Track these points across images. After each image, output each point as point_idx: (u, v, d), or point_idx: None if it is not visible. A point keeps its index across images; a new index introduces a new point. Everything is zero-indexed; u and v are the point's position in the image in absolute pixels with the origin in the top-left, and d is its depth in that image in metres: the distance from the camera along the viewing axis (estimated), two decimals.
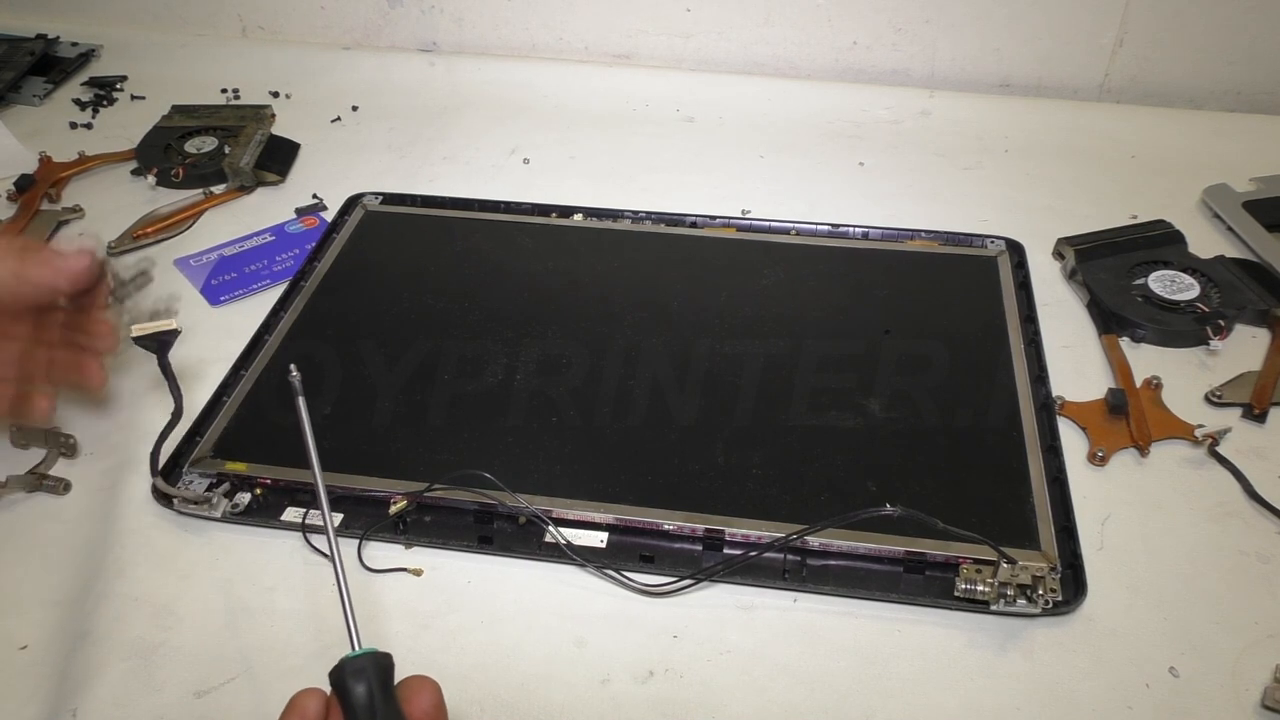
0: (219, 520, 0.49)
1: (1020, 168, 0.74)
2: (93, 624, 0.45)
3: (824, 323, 0.58)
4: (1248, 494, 0.49)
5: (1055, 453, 0.50)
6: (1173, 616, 0.45)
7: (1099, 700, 0.41)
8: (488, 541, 0.48)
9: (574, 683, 0.43)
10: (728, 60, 0.86)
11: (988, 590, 0.43)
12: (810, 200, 0.71)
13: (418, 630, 0.45)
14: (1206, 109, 0.81)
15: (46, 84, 0.86)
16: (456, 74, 0.87)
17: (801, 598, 0.46)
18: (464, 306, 0.60)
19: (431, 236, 0.67)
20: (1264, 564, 0.47)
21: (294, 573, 0.47)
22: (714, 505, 0.48)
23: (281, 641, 0.44)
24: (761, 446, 0.50)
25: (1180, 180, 0.71)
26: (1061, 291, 0.63)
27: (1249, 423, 0.53)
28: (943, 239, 0.65)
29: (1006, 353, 0.56)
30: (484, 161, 0.76)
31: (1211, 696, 0.42)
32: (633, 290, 0.61)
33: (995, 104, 0.80)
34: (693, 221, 0.67)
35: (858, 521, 0.44)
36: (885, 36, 0.82)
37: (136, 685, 0.43)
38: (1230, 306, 0.59)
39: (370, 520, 0.48)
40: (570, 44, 0.88)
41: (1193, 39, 0.78)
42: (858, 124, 0.80)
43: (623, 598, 0.46)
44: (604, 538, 0.47)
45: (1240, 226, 0.66)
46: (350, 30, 0.91)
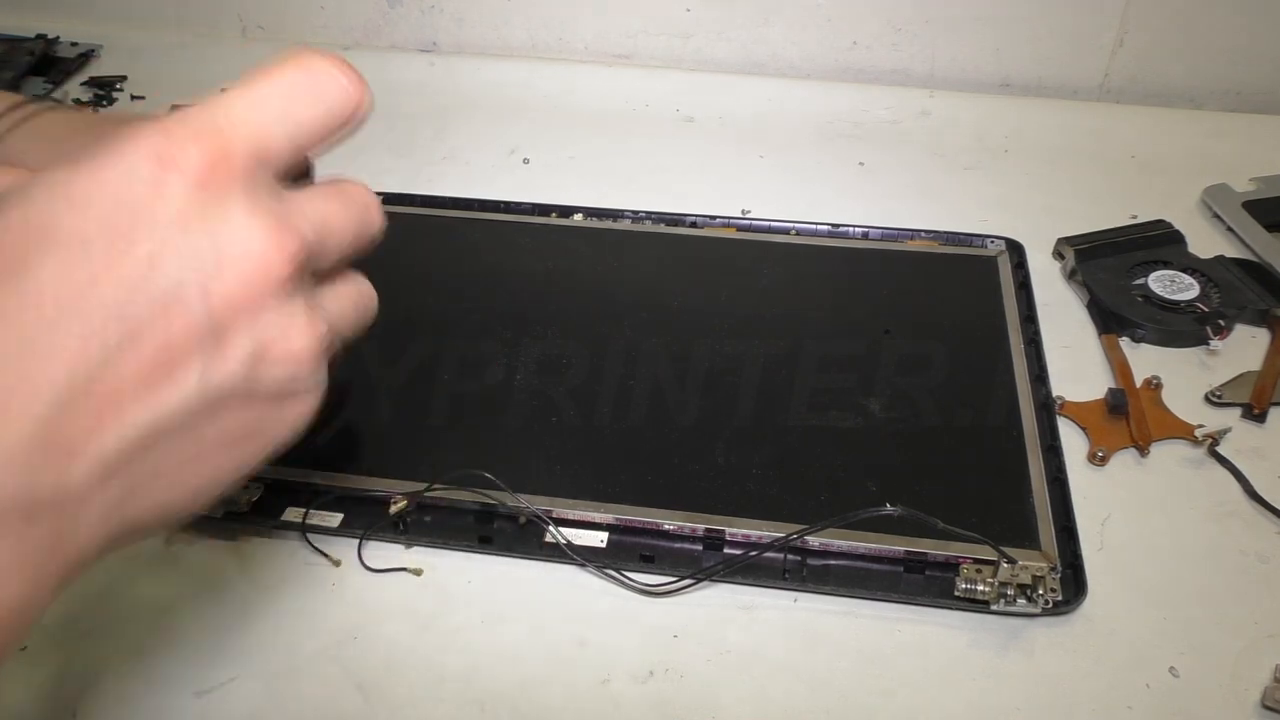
0: (219, 520, 0.49)
1: (1020, 168, 0.74)
2: (93, 624, 0.45)
3: (824, 322, 0.58)
4: (1248, 494, 0.49)
5: (1055, 453, 0.50)
6: (1173, 616, 0.45)
7: (1099, 700, 0.41)
8: (488, 541, 0.48)
9: (574, 683, 0.43)
10: (728, 60, 0.86)
11: (988, 590, 0.43)
12: (810, 200, 0.71)
13: (418, 630, 0.45)
14: (1206, 109, 0.81)
15: (46, 84, 0.86)
16: (456, 74, 0.87)
17: (802, 598, 0.46)
18: (464, 306, 0.60)
19: (431, 236, 0.67)
20: (1264, 564, 0.47)
21: (294, 573, 0.47)
22: (714, 505, 0.48)
23: (281, 641, 0.44)
24: (761, 446, 0.50)
25: (1180, 180, 0.71)
26: (1061, 291, 0.63)
27: (1249, 423, 0.53)
28: (943, 239, 0.65)
29: (1006, 353, 0.56)
30: (484, 161, 0.76)
31: (1211, 696, 0.42)
32: (633, 290, 0.61)
33: (995, 104, 0.80)
34: (693, 221, 0.67)
35: (858, 521, 0.44)
36: (885, 36, 0.82)
37: (136, 685, 0.43)
38: (1230, 306, 0.59)
39: (370, 520, 0.48)
40: (570, 44, 0.88)
41: (1193, 39, 0.78)
42: (858, 124, 0.80)
43: (623, 598, 0.46)
44: (604, 538, 0.47)
45: (1240, 226, 0.66)
46: (350, 30, 0.91)
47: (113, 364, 0.23)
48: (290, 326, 0.25)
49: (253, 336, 0.24)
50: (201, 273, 0.23)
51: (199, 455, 0.25)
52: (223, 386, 0.24)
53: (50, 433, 0.22)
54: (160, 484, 0.25)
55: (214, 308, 0.24)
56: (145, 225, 0.23)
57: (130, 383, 0.23)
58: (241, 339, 0.24)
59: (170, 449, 0.24)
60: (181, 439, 0.24)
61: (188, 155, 0.24)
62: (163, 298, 0.23)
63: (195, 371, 0.24)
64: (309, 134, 0.27)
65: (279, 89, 0.26)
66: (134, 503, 0.25)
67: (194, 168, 0.24)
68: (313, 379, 0.27)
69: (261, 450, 0.27)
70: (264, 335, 0.25)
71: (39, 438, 0.22)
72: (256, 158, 0.25)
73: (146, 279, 0.23)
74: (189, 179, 0.23)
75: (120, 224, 0.23)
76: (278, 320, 0.25)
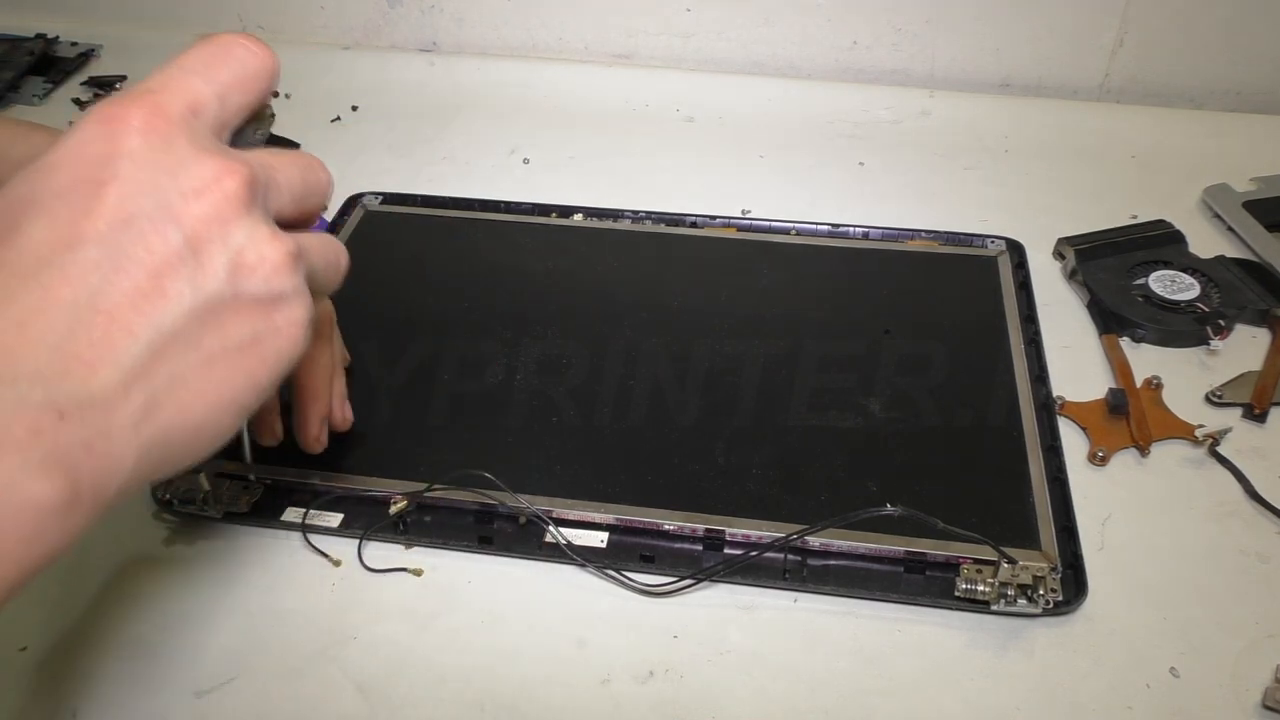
0: (219, 520, 0.49)
1: (1020, 168, 0.74)
2: (93, 624, 0.45)
3: (824, 322, 0.58)
4: (1248, 494, 0.49)
5: (1055, 453, 0.50)
6: (1173, 616, 0.45)
7: (1100, 700, 0.41)
8: (488, 541, 0.48)
9: (574, 683, 0.43)
10: (728, 60, 0.86)
11: (988, 590, 0.43)
12: (810, 200, 0.71)
13: (418, 630, 0.45)
14: (1206, 109, 0.81)
15: (46, 84, 0.86)
16: (456, 74, 0.87)
17: (802, 598, 0.46)
18: (464, 306, 0.60)
19: (431, 236, 0.67)
20: (1264, 564, 0.47)
21: (294, 573, 0.47)
22: (714, 505, 0.48)
23: (281, 641, 0.44)
24: (762, 446, 0.50)
25: (1180, 180, 0.71)
26: (1061, 291, 0.63)
27: (1249, 423, 0.53)
28: (943, 239, 0.65)
29: (1006, 353, 0.56)
30: (484, 161, 0.76)
31: (1211, 696, 0.42)
32: (633, 290, 0.61)
33: (995, 104, 0.80)
34: (693, 221, 0.67)
35: (858, 521, 0.44)
36: (885, 36, 0.82)
37: (136, 685, 0.43)
38: (1230, 306, 0.59)
39: (370, 520, 0.48)
40: (570, 44, 0.88)
41: (1193, 39, 0.78)
42: (858, 124, 0.80)
43: (623, 598, 0.46)
44: (604, 538, 0.47)
45: (1240, 226, 0.66)
46: (350, 30, 0.91)
47: (109, 288, 0.27)
48: (258, 239, 0.29)
49: (226, 250, 0.29)
50: (167, 203, 0.28)
51: (209, 363, 0.29)
52: (211, 295, 0.28)
53: (67, 349, 0.26)
54: (182, 394, 0.28)
55: (187, 231, 0.28)
56: (108, 173, 0.27)
57: (129, 301, 0.27)
58: (217, 253, 0.29)
59: (181, 357, 0.28)
60: (188, 346, 0.28)
61: (130, 114, 0.28)
62: (139, 229, 0.27)
63: (184, 285, 0.28)
64: (230, 88, 0.31)
65: (198, 58, 0.31)
66: (161, 413, 0.28)
67: (138, 122, 0.28)
68: (292, 287, 0.31)
69: (267, 362, 0.31)
70: (237, 248, 0.29)
71: (58, 352, 0.26)
72: (190, 109, 0.30)
73: (120, 216, 0.27)
74: (136, 130, 0.28)
75: (87, 177, 0.27)
76: (246, 235, 0.29)
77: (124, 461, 0.27)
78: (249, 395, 0.30)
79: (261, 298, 0.30)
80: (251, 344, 0.30)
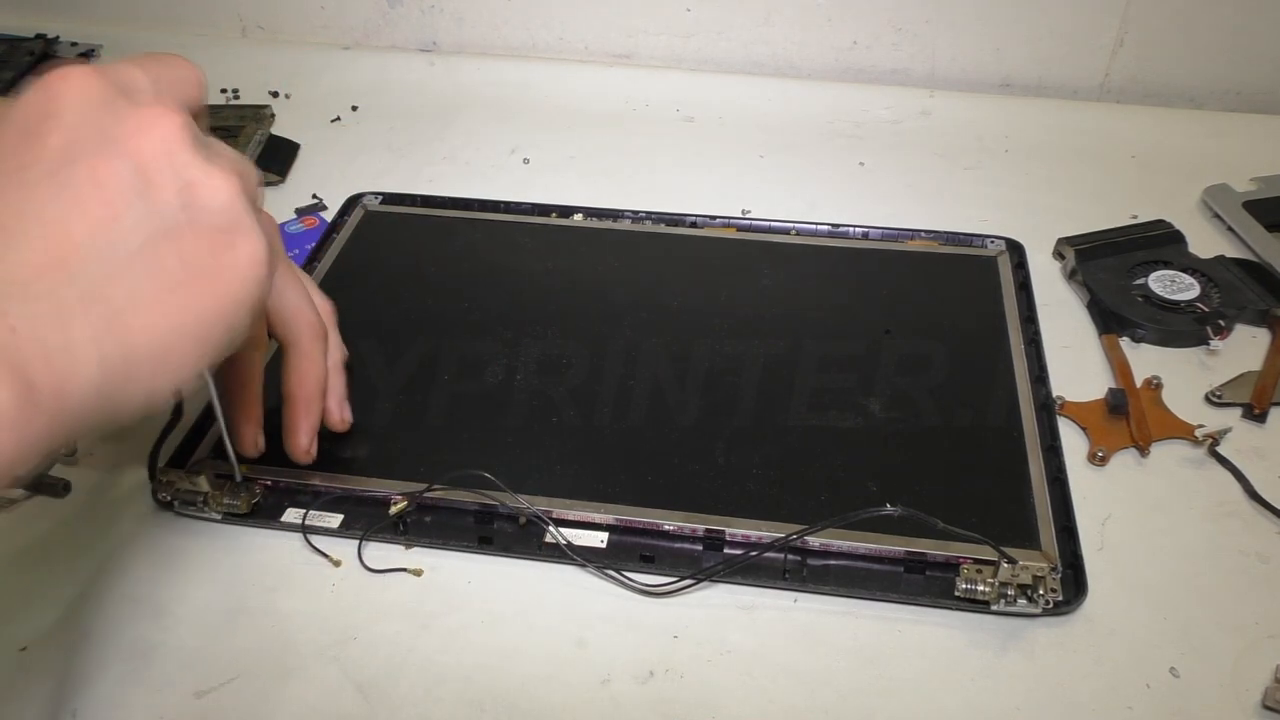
0: (219, 521, 0.49)
1: (1020, 168, 0.74)
2: (93, 624, 0.45)
3: (824, 322, 0.58)
4: (1248, 494, 0.49)
5: (1055, 453, 0.50)
6: (1173, 616, 0.45)
7: (1100, 700, 0.41)
8: (488, 542, 0.48)
9: (574, 683, 0.43)
10: (728, 60, 0.86)
11: (988, 590, 0.43)
12: (810, 200, 0.71)
13: (418, 630, 0.45)
14: (1206, 109, 0.81)
15: None
16: (456, 74, 0.87)
17: (802, 598, 0.46)
18: (464, 306, 0.60)
19: (431, 236, 0.67)
20: (1264, 564, 0.47)
21: (294, 573, 0.47)
22: (714, 505, 0.48)
23: (281, 641, 0.44)
24: (761, 446, 0.50)
25: (1180, 180, 0.71)
26: (1061, 291, 0.63)
27: (1249, 423, 0.53)
28: (943, 239, 0.65)
29: (1006, 353, 0.56)
30: (484, 161, 0.76)
31: (1211, 696, 0.42)
32: (633, 290, 0.61)
33: (995, 104, 0.80)
34: (693, 221, 0.67)
35: (858, 521, 0.44)
36: (885, 36, 0.82)
37: (136, 685, 0.43)
38: (1230, 306, 0.59)
39: (370, 521, 0.48)
40: (570, 44, 0.88)
41: (1193, 39, 0.78)
42: (858, 124, 0.80)
43: (623, 598, 0.46)
44: (604, 538, 0.47)
45: (1240, 226, 0.66)
46: (350, 30, 0.91)
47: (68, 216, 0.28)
48: (207, 166, 0.31)
49: (176, 175, 0.30)
50: (113, 139, 0.30)
51: (171, 288, 0.30)
52: (164, 214, 0.30)
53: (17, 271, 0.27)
54: (144, 314, 0.29)
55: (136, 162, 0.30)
56: (52, 123, 0.29)
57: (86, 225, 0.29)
58: (167, 178, 0.30)
59: (141, 279, 0.29)
60: (148, 270, 0.30)
61: (69, 74, 0.30)
62: (88, 164, 0.29)
63: (139, 210, 0.29)
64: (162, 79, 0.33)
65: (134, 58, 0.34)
66: (122, 330, 0.29)
67: (77, 80, 0.30)
68: (245, 215, 0.32)
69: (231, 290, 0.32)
70: (187, 173, 0.30)
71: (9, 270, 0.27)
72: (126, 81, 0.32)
73: (67, 156, 0.29)
74: (75, 88, 0.30)
75: (30, 130, 0.30)
76: (194, 162, 0.31)
77: (85, 370, 0.28)
78: (213, 326, 0.31)
79: (219, 225, 0.31)
80: (213, 271, 0.31)
